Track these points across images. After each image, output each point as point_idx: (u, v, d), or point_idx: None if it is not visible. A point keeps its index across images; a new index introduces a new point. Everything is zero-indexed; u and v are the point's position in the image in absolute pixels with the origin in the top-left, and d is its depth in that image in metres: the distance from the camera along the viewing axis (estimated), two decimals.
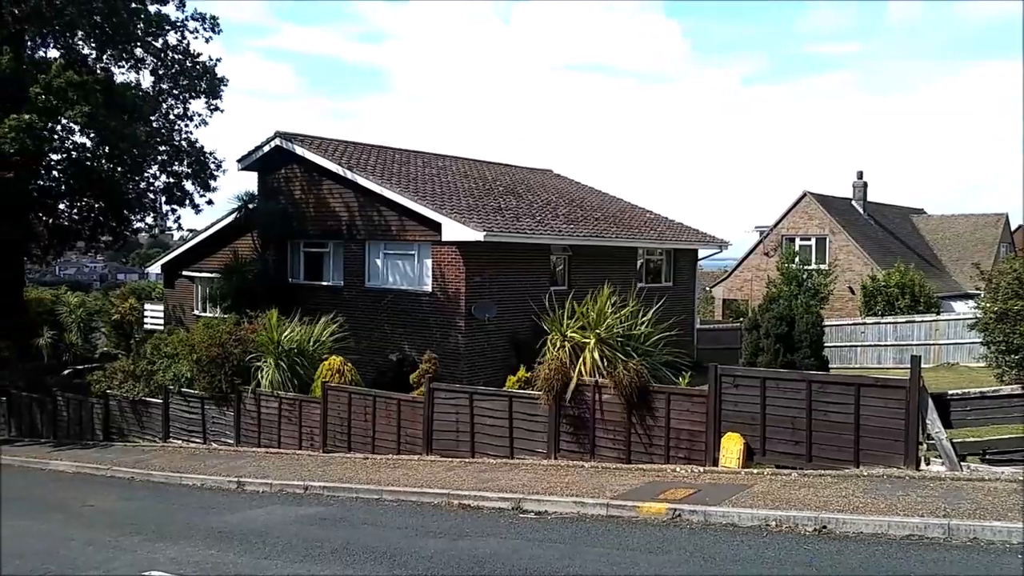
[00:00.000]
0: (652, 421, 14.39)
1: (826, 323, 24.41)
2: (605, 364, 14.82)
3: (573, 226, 24.73)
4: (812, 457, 12.91)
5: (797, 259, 35.35)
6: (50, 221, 29.14)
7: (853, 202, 43.04)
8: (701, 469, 13.43)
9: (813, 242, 39.68)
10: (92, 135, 26.30)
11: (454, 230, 20.85)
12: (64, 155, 27.71)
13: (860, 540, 9.56)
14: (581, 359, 15.11)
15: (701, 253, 29.97)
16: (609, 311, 15.64)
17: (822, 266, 37.29)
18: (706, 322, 36.11)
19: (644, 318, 15.98)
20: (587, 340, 15.22)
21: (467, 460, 15.90)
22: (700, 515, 10.92)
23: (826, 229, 39.50)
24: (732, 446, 13.39)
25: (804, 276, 33.63)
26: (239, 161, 25.73)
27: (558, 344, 15.57)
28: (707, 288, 44.24)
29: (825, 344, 22.62)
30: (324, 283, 24.56)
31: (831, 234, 39.30)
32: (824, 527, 10.00)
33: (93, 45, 27.63)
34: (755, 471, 12.91)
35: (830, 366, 22.96)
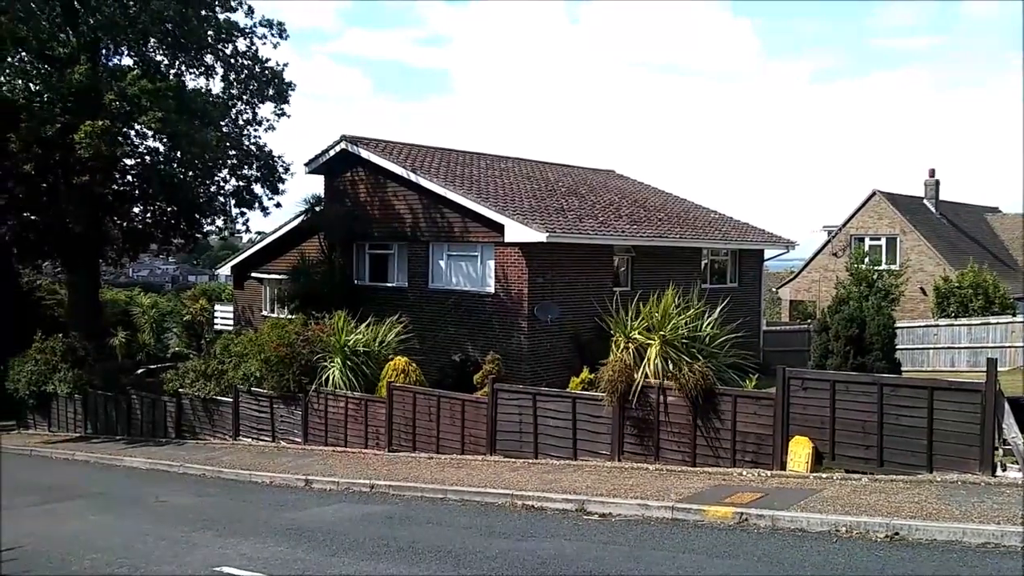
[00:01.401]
0: (718, 424, 14.24)
1: (897, 325, 23.85)
2: (670, 366, 14.72)
3: (636, 227, 24.58)
4: (883, 462, 12.65)
5: (867, 259, 34.61)
6: (124, 224, 29.99)
7: (925, 201, 41.96)
8: (768, 473, 13.25)
9: (883, 242, 38.78)
10: (165, 140, 27.07)
11: (517, 231, 20.90)
12: (138, 160, 28.57)
13: (933, 547, 9.33)
14: (645, 361, 15.02)
15: (767, 253, 29.54)
16: (673, 312, 15.52)
17: (892, 266, 36.45)
18: (772, 324, 35.57)
19: (709, 319, 15.82)
20: (651, 341, 15.12)
21: (530, 461, 15.93)
22: (768, 519, 10.77)
23: (896, 229, 38.58)
24: (800, 450, 13.18)
25: (874, 277, 32.91)
26: (306, 165, 26.17)
27: (622, 345, 15.50)
28: (773, 289, 43.57)
29: (896, 346, 22.08)
30: (389, 284, 24.83)
31: (902, 234, 38.37)
32: (896, 534, 9.77)
33: (165, 52, 28.42)
34: (824, 475, 12.69)
35: (902, 369, 22.41)
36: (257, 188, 29.62)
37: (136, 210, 30.00)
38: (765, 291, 33.81)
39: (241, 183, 29.48)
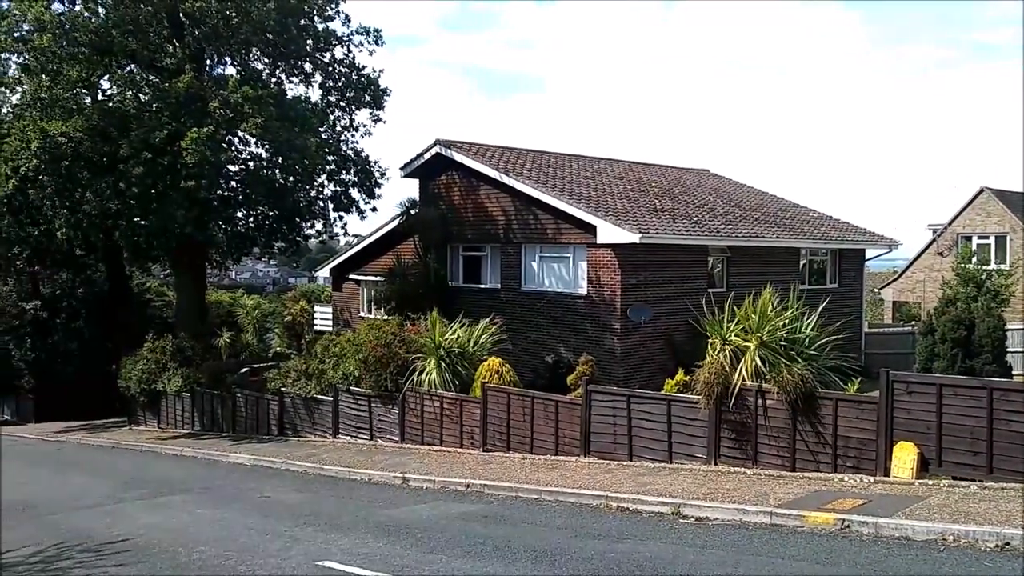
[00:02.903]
0: (818, 428, 13.93)
1: (1008, 327, 22.87)
2: (767, 368, 14.47)
3: (731, 226, 24.22)
4: (993, 469, 12.19)
5: (974, 259, 33.25)
6: (228, 228, 31.01)
7: None
8: (871, 479, 12.90)
9: (992, 240, 37.17)
10: (266, 146, 27.90)
11: (609, 232, 20.85)
12: (241, 166, 29.51)
13: None
14: (742, 363, 14.79)
15: (868, 253, 28.73)
16: (771, 313, 15.24)
17: (1002, 266, 34.90)
18: (874, 325, 34.55)
19: (808, 321, 15.48)
20: (748, 343, 14.89)
21: (624, 463, 15.87)
22: (871, 527, 10.49)
23: (1006, 226, 36.94)
24: (905, 455, 12.80)
25: (983, 277, 31.61)
26: (401, 169, 26.69)
27: (718, 347, 15.30)
28: (875, 290, 42.27)
29: (1007, 349, 21.21)
30: (482, 286, 25.09)
31: (1012, 232, 36.72)
32: (1007, 543, 9.41)
33: (266, 61, 29.31)
34: (930, 482, 12.30)
35: (1013, 373, 21.51)
36: (354, 192, 30.29)
37: (240, 214, 30.96)
38: (866, 292, 32.85)
39: (339, 188, 30.18)
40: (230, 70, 28.86)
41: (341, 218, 31.03)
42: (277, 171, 28.85)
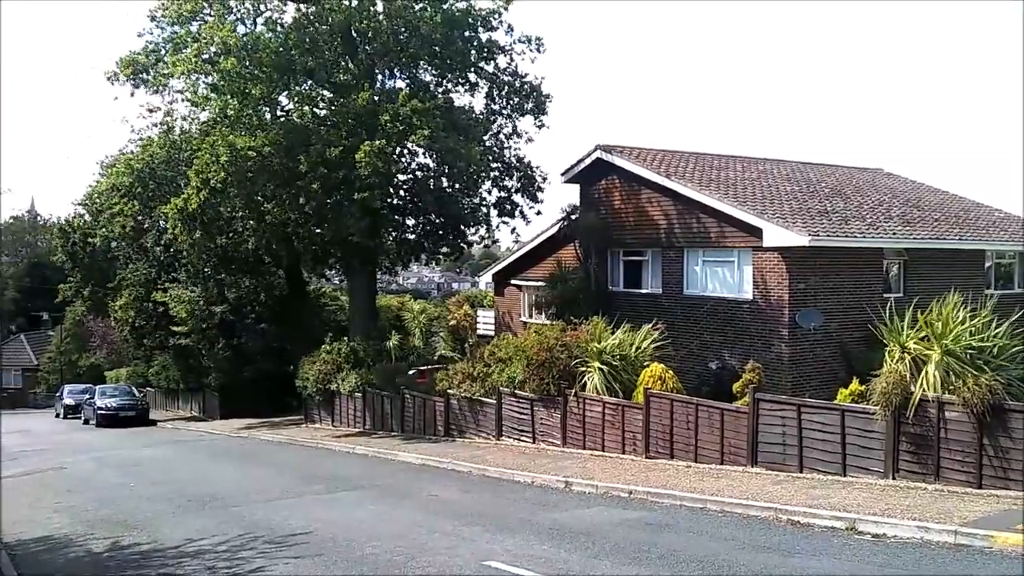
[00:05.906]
0: (1008, 443, 13.02)
1: None
2: (952, 378, 13.66)
3: (908, 228, 23.03)
4: None
5: None
6: (398, 236, 32.18)
7: None
8: None
9: None
10: (433, 156, 28.78)
11: (776, 235, 20.27)
12: (410, 175, 30.57)
13: None
14: (923, 373, 14.06)
15: None
16: (955, 321, 14.39)
17: None
18: None
19: (997, 329, 14.51)
20: (930, 352, 14.13)
21: (794, 474, 15.36)
22: None
23: None
24: None
25: None
26: (562, 174, 26.92)
27: (896, 356, 14.59)
28: None
29: None
30: (642, 291, 24.90)
31: None
32: None
33: (433, 73, 30.24)
34: None
35: None
36: (517, 198, 30.80)
37: (408, 222, 32.07)
38: None
39: (502, 194, 30.76)
40: (399, 83, 29.97)
41: (505, 223, 31.60)
42: (443, 179, 29.71)
